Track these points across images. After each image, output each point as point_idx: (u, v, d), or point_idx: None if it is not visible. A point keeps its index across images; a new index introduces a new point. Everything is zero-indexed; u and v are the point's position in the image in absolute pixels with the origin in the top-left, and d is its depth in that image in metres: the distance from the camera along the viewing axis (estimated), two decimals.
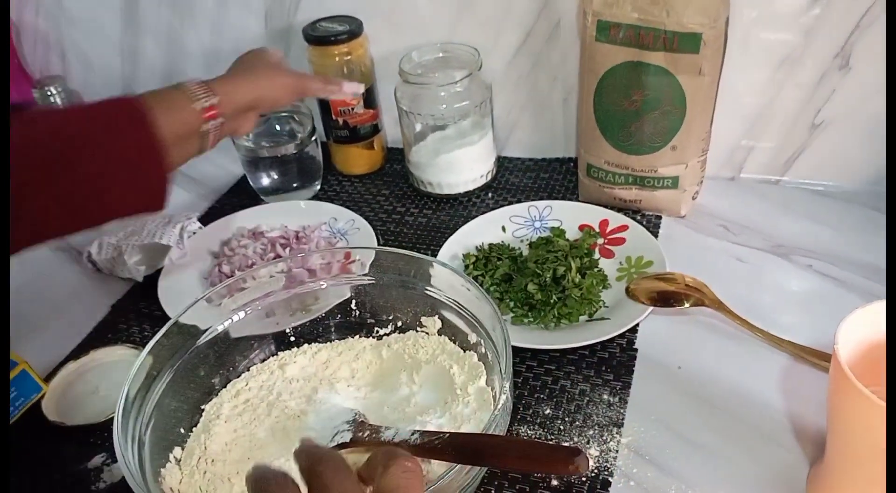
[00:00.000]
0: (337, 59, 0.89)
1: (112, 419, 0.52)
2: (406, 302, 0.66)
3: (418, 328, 0.66)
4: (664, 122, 0.77)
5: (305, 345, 0.67)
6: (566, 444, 0.61)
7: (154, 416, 0.56)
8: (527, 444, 0.52)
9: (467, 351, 0.63)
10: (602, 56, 0.76)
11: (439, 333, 0.65)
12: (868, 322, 0.51)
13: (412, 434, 0.51)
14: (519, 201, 0.87)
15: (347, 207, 0.89)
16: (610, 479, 0.58)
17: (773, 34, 0.79)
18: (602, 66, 0.77)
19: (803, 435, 0.60)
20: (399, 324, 0.67)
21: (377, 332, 0.68)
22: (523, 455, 0.43)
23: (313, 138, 0.92)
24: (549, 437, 0.62)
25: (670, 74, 0.74)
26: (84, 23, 1.08)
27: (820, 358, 0.65)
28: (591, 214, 0.83)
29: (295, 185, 0.93)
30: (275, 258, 0.79)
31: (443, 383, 0.61)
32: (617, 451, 0.60)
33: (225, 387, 0.64)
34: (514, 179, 0.94)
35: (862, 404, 0.45)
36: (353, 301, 0.68)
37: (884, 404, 0.44)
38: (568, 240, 0.80)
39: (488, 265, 0.78)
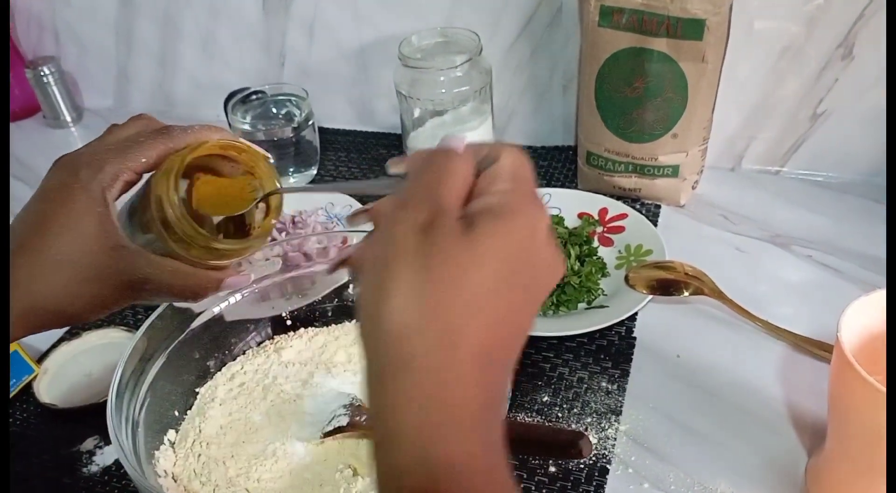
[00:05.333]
0: None
1: (104, 402, 0.52)
2: None
3: None
4: (666, 109, 0.77)
5: (302, 329, 0.67)
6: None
7: (148, 398, 0.56)
8: (528, 427, 0.51)
9: None
10: (604, 42, 0.76)
11: None
12: (870, 311, 0.51)
13: None
14: None
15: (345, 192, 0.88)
16: (608, 466, 0.58)
17: (776, 23, 0.78)
18: (604, 51, 0.76)
19: (801, 424, 0.60)
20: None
21: None
22: (525, 438, 0.43)
23: (310, 122, 0.91)
24: (548, 424, 0.61)
25: (673, 61, 0.73)
26: (78, 4, 1.07)
27: (818, 348, 0.65)
28: (591, 203, 0.82)
29: (291, 169, 0.92)
30: (270, 242, 0.78)
31: None
32: (615, 438, 0.60)
33: (220, 370, 0.63)
34: None
35: (865, 391, 0.45)
36: (351, 285, 0.67)
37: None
38: (567, 227, 0.79)
39: None
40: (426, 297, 0.29)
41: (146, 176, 0.45)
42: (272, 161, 0.48)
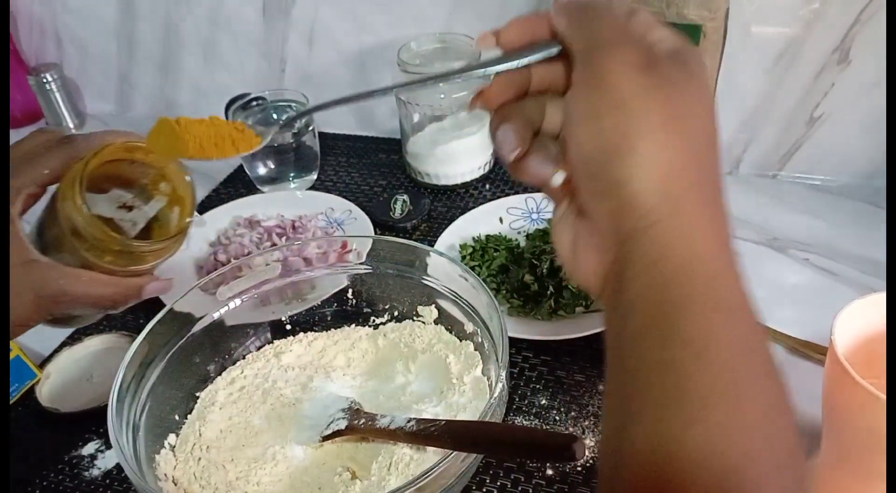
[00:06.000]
0: None
1: (106, 406, 0.52)
2: (403, 291, 0.66)
3: (415, 318, 0.66)
4: None
5: (301, 333, 0.67)
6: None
7: (149, 402, 0.56)
8: (523, 431, 0.52)
9: (463, 341, 0.62)
10: None
11: (436, 322, 0.65)
12: (864, 315, 0.51)
13: (408, 422, 0.51)
14: (516, 193, 0.87)
15: (344, 198, 0.88)
16: None
17: (773, 28, 0.79)
18: None
19: (798, 428, 0.60)
20: (395, 313, 0.67)
21: (373, 321, 0.68)
22: (520, 442, 0.44)
23: (310, 128, 0.92)
24: (544, 427, 0.62)
25: None
26: (80, 10, 1.08)
27: (815, 351, 0.65)
28: None
29: (291, 174, 0.93)
30: (271, 247, 0.79)
31: (439, 372, 0.61)
32: None
33: (220, 374, 0.63)
34: None
35: (859, 395, 0.45)
36: (350, 290, 0.68)
37: (881, 395, 0.44)
38: None
39: (485, 256, 0.78)
40: (679, 129, 0.30)
41: (52, 188, 0.44)
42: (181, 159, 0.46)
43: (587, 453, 0.59)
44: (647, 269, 0.31)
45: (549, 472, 0.58)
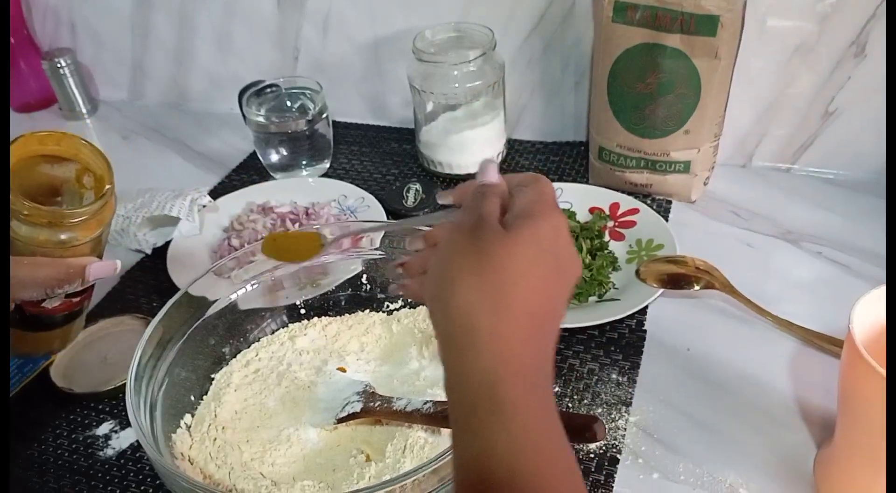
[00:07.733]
0: None
1: (120, 387, 0.53)
2: None
3: None
4: (678, 105, 0.77)
5: (316, 318, 0.67)
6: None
7: (165, 382, 0.56)
8: None
9: None
10: (618, 37, 0.76)
11: None
12: (880, 305, 0.51)
13: (425, 404, 0.51)
14: None
15: (357, 186, 0.89)
16: (618, 456, 0.58)
17: (789, 21, 0.79)
18: (617, 47, 0.77)
19: (810, 418, 0.60)
20: (409, 299, 0.67)
21: (387, 307, 0.68)
22: None
23: (324, 115, 0.92)
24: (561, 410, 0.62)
25: (686, 57, 0.74)
26: None
27: (828, 343, 0.65)
28: (602, 198, 0.82)
29: (304, 162, 0.93)
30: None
31: None
32: (625, 429, 0.60)
33: (235, 357, 0.64)
34: (525, 162, 0.94)
35: (876, 383, 0.46)
36: (364, 276, 0.68)
37: None
38: (578, 222, 0.80)
39: None
40: (482, 276, 0.37)
41: None
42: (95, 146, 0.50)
43: (607, 433, 0.59)
44: (450, 379, 0.38)
45: None
